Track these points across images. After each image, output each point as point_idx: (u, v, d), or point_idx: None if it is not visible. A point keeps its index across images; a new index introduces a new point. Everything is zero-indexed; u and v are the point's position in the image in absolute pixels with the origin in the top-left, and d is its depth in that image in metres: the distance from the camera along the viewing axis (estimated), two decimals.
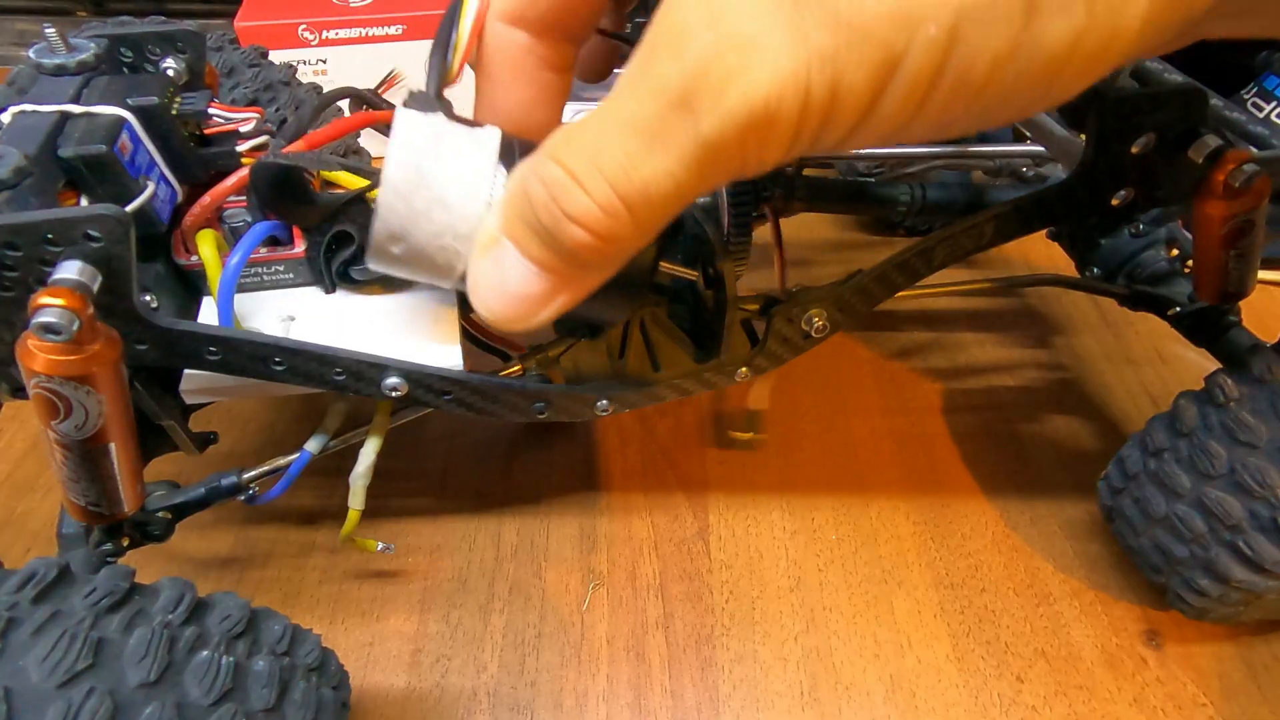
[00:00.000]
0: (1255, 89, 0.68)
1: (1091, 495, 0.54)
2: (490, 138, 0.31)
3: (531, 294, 0.27)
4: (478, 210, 0.30)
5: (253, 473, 0.44)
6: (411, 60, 0.79)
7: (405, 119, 0.30)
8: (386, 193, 0.30)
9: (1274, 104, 0.67)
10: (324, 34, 0.76)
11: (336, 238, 0.39)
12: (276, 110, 0.49)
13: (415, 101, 0.31)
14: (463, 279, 0.31)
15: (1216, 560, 0.43)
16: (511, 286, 0.27)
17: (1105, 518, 0.52)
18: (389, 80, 0.79)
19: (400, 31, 0.77)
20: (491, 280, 0.28)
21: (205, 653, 0.30)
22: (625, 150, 0.24)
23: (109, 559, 0.41)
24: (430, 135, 0.30)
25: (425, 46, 0.74)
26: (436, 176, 0.30)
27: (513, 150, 0.31)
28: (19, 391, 0.37)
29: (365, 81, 0.77)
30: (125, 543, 0.42)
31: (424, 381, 0.38)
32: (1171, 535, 0.45)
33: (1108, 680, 0.48)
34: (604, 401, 0.40)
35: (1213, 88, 0.45)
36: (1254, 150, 0.47)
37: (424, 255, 0.31)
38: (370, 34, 0.77)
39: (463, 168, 0.30)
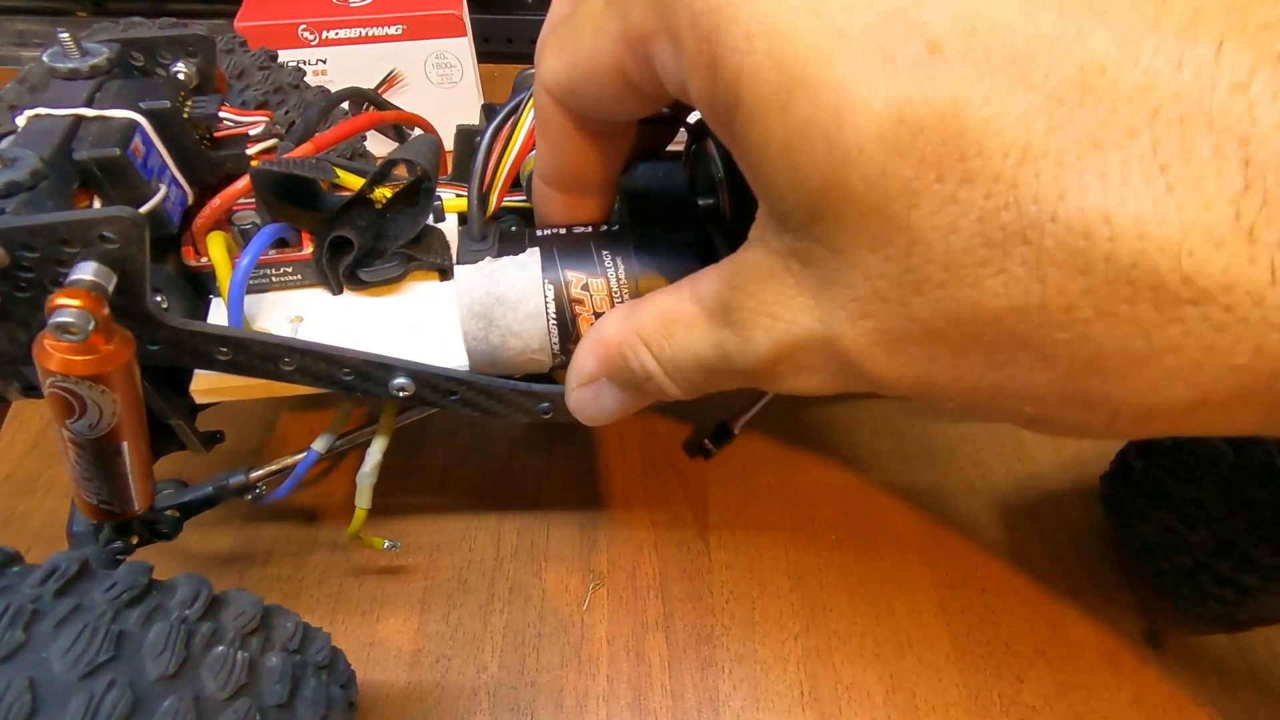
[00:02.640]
0: None
1: (1092, 495, 0.55)
2: (531, 258, 0.37)
3: (620, 410, 0.36)
4: (542, 326, 0.37)
5: (260, 471, 0.44)
6: (411, 60, 0.79)
7: (463, 276, 0.37)
8: (467, 339, 0.38)
9: None
10: (324, 34, 0.76)
11: (336, 242, 0.39)
12: (286, 113, 0.50)
13: (466, 252, 0.39)
14: (550, 372, 0.40)
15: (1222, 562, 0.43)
16: (608, 408, 0.36)
17: (1106, 513, 0.52)
18: (389, 80, 0.79)
19: (400, 31, 0.77)
20: (590, 406, 0.36)
21: (221, 648, 0.30)
22: (692, 363, 0.31)
23: (119, 556, 0.41)
24: (486, 283, 0.37)
25: (425, 46, 0.76)
26: (503, 316, 0.37)
27: (553, 255, 0.37)
28: (29, 390, 0.38)
29: (365, 81, 0.77)
30: (134, 541, 0.42)
31: (431, 382, 0.39)
32: (1175, 532, 0.45)
33: (1108, 680, 0.48)
34: None
35: None
36: None
37: (514, 367, 0.39)
38: (370, 34, 0.76)
39: (519, 297, 0.37)
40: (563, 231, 0.39)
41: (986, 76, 0.21)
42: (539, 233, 0.39)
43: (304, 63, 0.76)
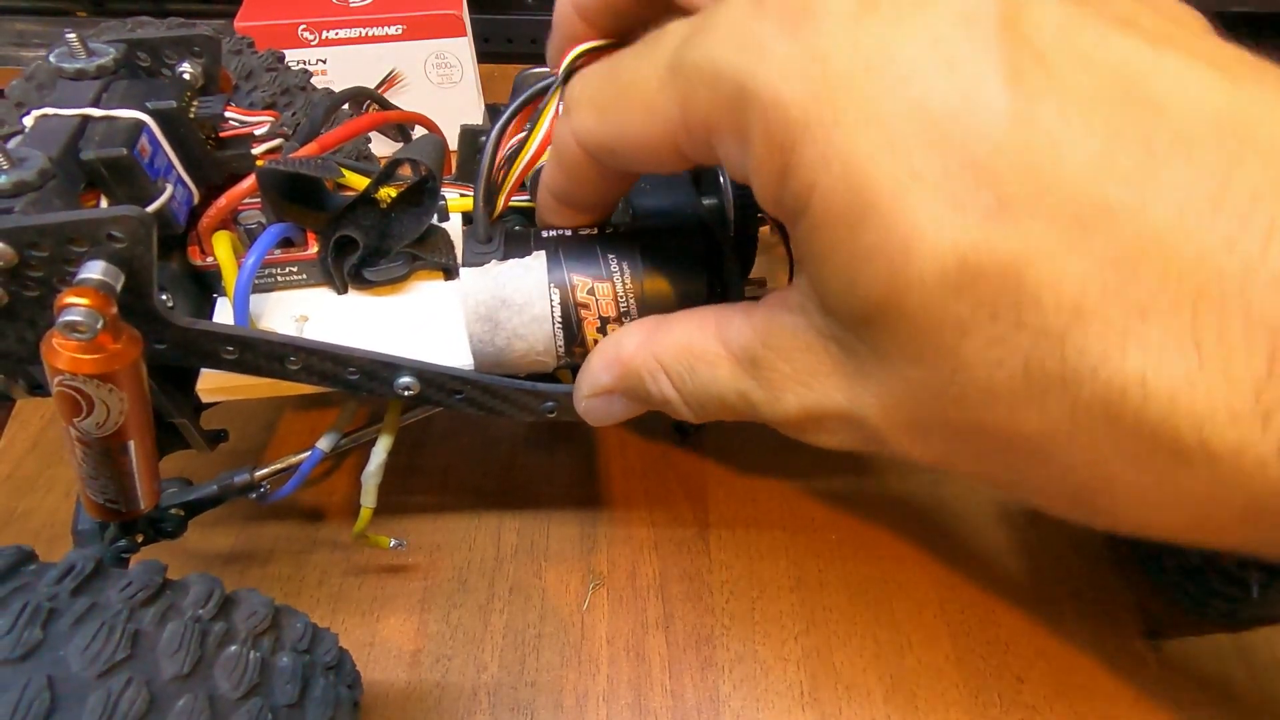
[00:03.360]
0: None
1: None
2: (537, 261, 0.38)
3: (628, 416, 0.37)
4: (547, 329, 0.38)
5: (264, 470, 0.44)
6: (411, 60, 0.79)
7: (468, 278, 0.38)
8: (473, 342, 0.38)
9: None
10: (324, 34, 0.76)
11: (341, 242, 0.39)
12: (293, 114, 0.50)
13: (471, 254, 0.39)
14: (555, 371, 0.41)
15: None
16: (617, 414, 0.37)
17: None
18: (389, 80, 0.79)
19: (400, 31, 0.77)
20: (600, 413, 0.37)
21: (234, 647, 0.30)
22: (713, 401, 0.33)
23: (124, 555, 0.41)
24: (491, 286, 0.38)
25: (425, 46, 0.77)
26: (508, 319, 0.38)
27: (558, 258, 0.38)
28: (36, 389, 0.38)
29: (365, 81, 0.77)
30: (139, 539, 0.42)
31: (436, 381, 0.39)
32: None
33: (1108, 680, 0.48)
34: None
35: None
36: None
37: (519, 368, 0.40)
38: (370, 34, 0.76)
39: (524, 300, 0.37)
40: (568, 233, 0.39)
41: (1051, 236, 0.22)
42: (544, 234, 0.39)
43: (304, 63, 0.76)
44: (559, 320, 0.37)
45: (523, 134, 0.39)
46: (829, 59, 0.24)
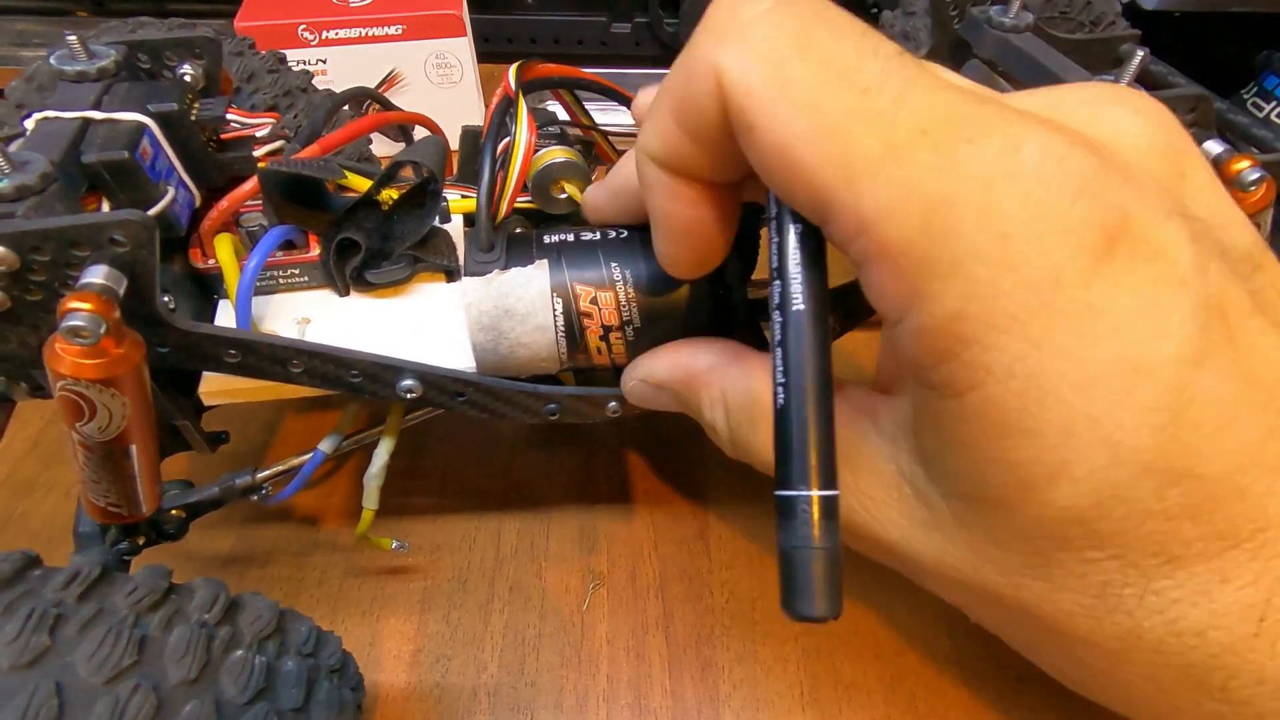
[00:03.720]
0: (1255, 89, 0.68)
1: None
2: (540, 270, 0.38)
3: (665, 410, 0.38)
4: (550, 338, 0.38)
5: (266, 472, 0.44)
6: (411, 60, 0.79)
7: (471, 288, 0.38)
8: (476, 350, 0.39)
9: (1274, 104, 0.67)
10: (324, 34, 0.76)
11: (343, 244, 0.39)
12: (294, 116, 0.50)
13: (474, 263, 0.38)
14: (557, 373, 0.41)
15: None
16: (658, 404, 0.38)
17: None
18: (389, 80, 0.79)
19: (400, 31, 0.77)
20: (645, 398, 0.38)
21: (239, 652, 0.30)
22: (759, 455, 0.34)
23: (126, 558, 0.41)
24: (494, 295, 0.38)
25: (425, 46, 0.77)
26: (511, 328, 0.38)
27: (561, 266, 0.38)
28: (37, 391, 0.38)
29: (365, 82, 0.77)
30: (141, 542, 0.42)
31: (438, 383, 0.39)
32: None
33: None
34: (614, 404, 0.41)
35: (1211, 87, 0.46)
36: (1257, 153, 0.47)
37: (522, 372, 0.40)
38: (370, 34, 0.76)
39: (527, 310, 0.38)
40: (570, 239, 0.39)
41: (1184, 506, 0.24)
42: (546, 240, 0.39)
43: (304, 63, 0.76)
44: (562, 329, 0.37)
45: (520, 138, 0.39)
46: (1061, 288, 0.23)
